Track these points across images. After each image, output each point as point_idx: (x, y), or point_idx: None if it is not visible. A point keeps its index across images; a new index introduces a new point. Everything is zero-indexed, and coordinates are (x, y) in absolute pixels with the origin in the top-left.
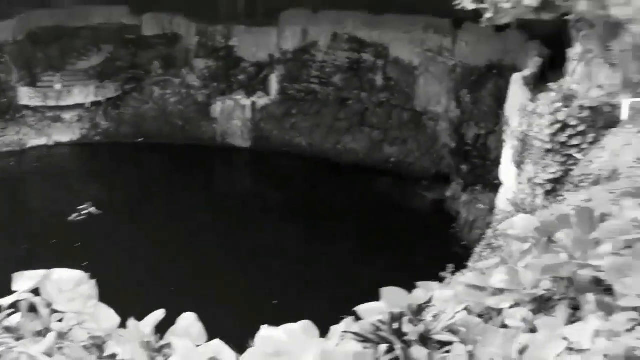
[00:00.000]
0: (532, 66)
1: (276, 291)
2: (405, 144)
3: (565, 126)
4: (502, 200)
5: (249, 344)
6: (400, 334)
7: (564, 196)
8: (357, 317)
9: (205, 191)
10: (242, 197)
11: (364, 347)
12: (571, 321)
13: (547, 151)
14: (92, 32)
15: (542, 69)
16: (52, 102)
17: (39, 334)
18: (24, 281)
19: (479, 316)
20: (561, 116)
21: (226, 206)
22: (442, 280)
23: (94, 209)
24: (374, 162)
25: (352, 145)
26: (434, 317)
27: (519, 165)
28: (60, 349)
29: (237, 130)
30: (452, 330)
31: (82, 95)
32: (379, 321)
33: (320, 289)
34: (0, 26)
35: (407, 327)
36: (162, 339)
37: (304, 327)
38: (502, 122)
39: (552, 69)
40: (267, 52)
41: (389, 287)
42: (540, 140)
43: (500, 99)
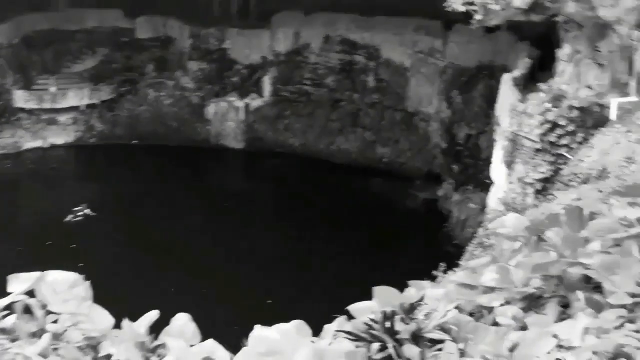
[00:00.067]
0: (522, 67)
1: (271, 291)
2: (397, 144)
3: (555, 126)
4: (494, 199)
5: (243, 344)
6: (392, 333)
7: (554, 195)
8: (350, 316)
9: (200, 192)
10: (236, 198)
11: (357, 346)
12: (561, 319)
13: (537, 151)
14: (87, 35)
15: (532, 70)
16: (47, 105)
17: (34, 335)
18: (19, 283)
19: (471, 314)
20: (551, 116)
21: (221, 207)
22: (434, 279)
23: (89, 211)
24: (366, 163)
25: (345, 145)
26: (426, 315)
27: (509, 165)
28: (55, 350)
29: (231, 131)
30: (443, 328)
31: (77, 98)
32: (372, 320)
33: (314, 288)
34: None
35: (399, 326)
36: (157, 339)
37: (297, 327)
38: (493, 123)
39: (541, 70)
40: (260, 55)
41: (381, 287)
42: (530, 140)
43: (490, 99)
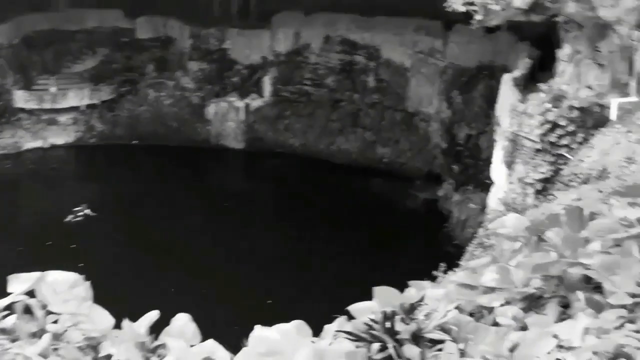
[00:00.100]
0: (522, 67)
1: (271, 291)
2: (397, 144)
3: (555, 126)
4: (494, 199)
5: (243, 344)
6: (392, 333)
7: (554, 195)
8: (350, 316)
9: (200, 192)
10: (236, 198)
11: (357, 346)
12: (561, 319)
13: (537, 151)
14: (87, 35)
15: (532, 70)
16: (47, 105)
17: (35, 335)
18: (19, 283)
19: (471, 314)
20: (551, 116)
21: (221, 207)
22: (434, 279)
23: (89, 211)
24: (367, 163)
25: (345, 145)
26: (426, 315)
27: (509, 165)
28: (55, 350)
29: (231, 131)
30: (443, 328)
31: (77, 98)
32: (372, 320)
33: (314, 288)
34: None
35: (399, 326)
36: (157, 339)
37: (297, 327)
38: (493, 123)
39: (541, 70)
40: (260, 55)
41: (381, 287)
42: (530, 140)
43: (490, 99)
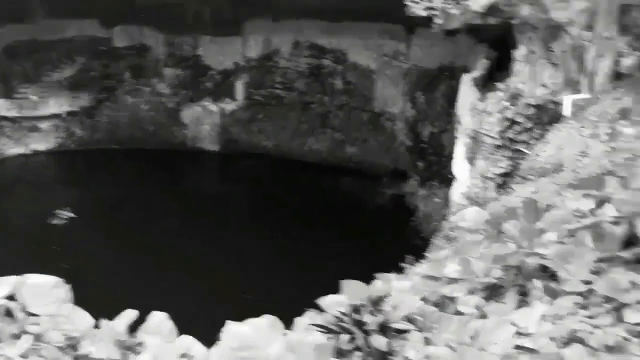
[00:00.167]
0: (480, 68)
1: (248, 286)
2: (365, 143)
3: (512, 123)
4: (456, 194)
5: (219, 339)
6: (360, 324)
7: (513, 189)
8: (321, 310)
9: (177, 193)
10: (213, 198)
11: (328, 338)
12: (521, 306)
13: (497, 147)
14: (65, 45)
15: (490, 70)
16: (28, 113)
17: (16, 337)
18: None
19: (435, 305)
20: (509, 114)
21: (198, 207)
22: (402, 271)
23: (72, 214)
24: (336, 162)
25: (316, 146)
26: (392, 307)
27: (471, 160)
28: (36, 350)
29: (206, 134)
30: (409, 319)
31: (58, 105)
32: (341, 313)
33: (289, 283)
34: None
35: (367, 318)
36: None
37: (269, 321)
38: (454, 121)
39: (499, 70)
40: (232, 60)
41: (349, 280)
42: (490, 136)
43: (452, 99)
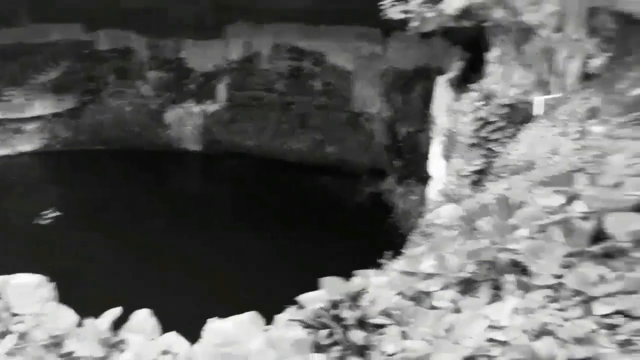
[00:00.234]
0: (455, 69)
1: (230, 284)
2: (344, 143)
3: (486, 122)
4: (433, 191)
5: (200, 335)
6: (339, 320)
7: (486, 186)
8: (301, 306)
9: (162, 193)
10: (196, 198)
11: (308, 333)
12: (494, 300)
13: (472, 145)
14: (50, 48)
15: (464, 72)
16: (14, 115)
17: (1, 335)
18: None
19: (411, 299)
20: (482, 113)
21: (182, 206)
22: (380, 266)
23: (57, 213)
24: (316, 161)
25: (296, 145)
26: (370, 302)
27: (447, 159)
28: (21, 349)
29: (189, 135)
30: (387, 313)
31: (43, 107)
32: (320, 308)
33: (271, 279)
34: None
35: (345, 313)
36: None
37: (251, 318)
38: (430, 121)
39: (473, 71)
40: (214, 63)
41: (328, 277)
42: (464, 135)
43: (427, 99)
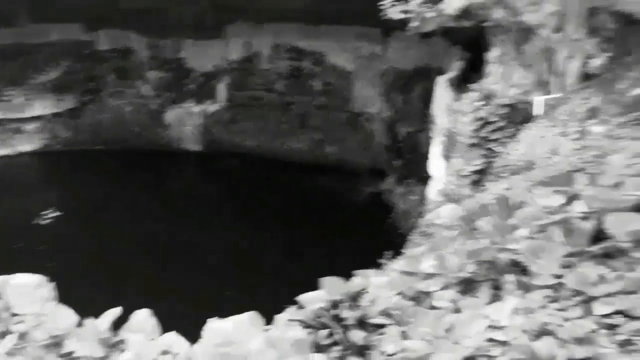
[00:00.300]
0: (455, 69)
1: (229, 284)
2: (344, 143)
3: (486, 122)
4: (432, 191)
5: (200, 335)
6: (339, 320)
7: (486, 186)
8: (301, 306)
9: (161, 193)
10: (196, 198)
11: (308, 333)
12: (493, 300)
13: (472, 145)
14: (50, 48)
15: (464, 72)
16: (14, 115)
17: (1, 335)
18: None
19: (411, 299)
20: (482, 113)
21: (182, 206)
22: (380, 266)
23: (57, 213)
24: (316, 161)
25: (296, 145)
26: (370, 302)
27: (447, 158)
28: (21, 349)
29: (189, 135)
30: (387, 313)
31: (42, 107)
32: (320, 308)
33: (271, 279)
34: None
35: (345, 313)
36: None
37: (250, 318)
38: (430, 121)
39: (472, 71)
40: (214, 63)
41: (328, 277)
42: (464, 135)
43: (427, 99)
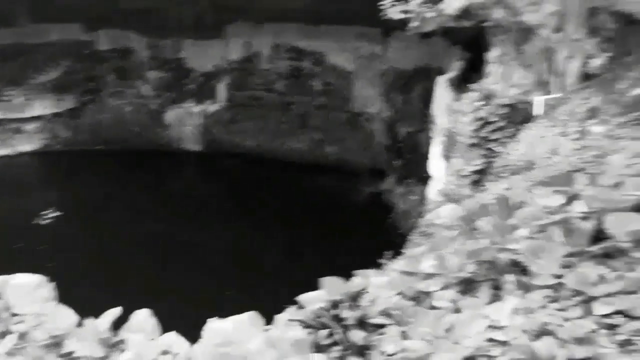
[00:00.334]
0: (455, 69)
1: (229, 284)
2: (344, 143)
3: (486, 122)
4: (432, 191)
5: (200, 335)
6: (339, 320)
7: (486, 186)
8: (301, 306)
9: (161, 193)
10: (196, 197)
11: (308, 333)
12: (493, 300)
13: (472, 145)
14: (50, 48)
15: (464, 71)
16: (13, 115)
17: (2, 335)
18: None
19: (411, 299)
20: (482, 113)
21: (181, 206)
22: (380, 266)
23: (57, 213)
24: (316, 161)
25: (296, 145)
26: (370, 302)
27: (447, 158)
28: (21, 349)
29: (189, 135)
30: (387, 313)
31: (42, 107)
32: (320, 308)
33: (271, 279)
34: None
35: (345, 313)
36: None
37: (250, 318)
38: (430, 121)
39: (472, 71)
40: (214, 63)
41: (328, 277)
42: (464, 135)
43: (427, 99)
